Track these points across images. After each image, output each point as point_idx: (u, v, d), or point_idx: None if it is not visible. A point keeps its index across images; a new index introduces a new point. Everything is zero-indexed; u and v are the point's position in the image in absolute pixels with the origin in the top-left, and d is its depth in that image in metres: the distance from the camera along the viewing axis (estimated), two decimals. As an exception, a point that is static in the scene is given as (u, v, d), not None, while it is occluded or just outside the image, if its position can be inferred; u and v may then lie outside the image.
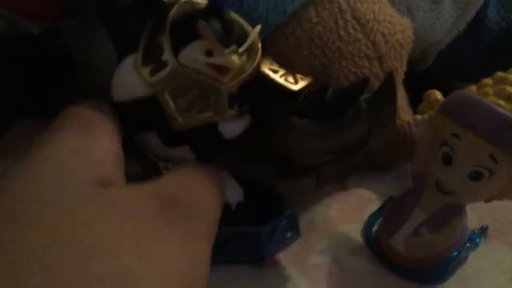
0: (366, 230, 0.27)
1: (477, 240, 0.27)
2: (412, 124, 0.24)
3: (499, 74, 0.22)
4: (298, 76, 0.20)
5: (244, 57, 0.19)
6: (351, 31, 0.24)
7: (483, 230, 0.28)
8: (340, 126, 0.19)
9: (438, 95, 0.24)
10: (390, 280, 0.25)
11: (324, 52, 0.24)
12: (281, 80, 0.20)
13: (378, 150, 0.27)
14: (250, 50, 0.19)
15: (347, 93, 0.20)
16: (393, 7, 0.28)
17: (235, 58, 0.19)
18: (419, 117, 0.24)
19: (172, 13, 0.19)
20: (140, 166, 0.20)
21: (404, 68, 0.28)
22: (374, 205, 0.28)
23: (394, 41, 0.25)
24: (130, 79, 0.19)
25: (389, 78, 0.20)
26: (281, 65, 0.21)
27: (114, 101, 0.19)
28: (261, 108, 0.20)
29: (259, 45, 0.20)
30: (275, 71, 0.20)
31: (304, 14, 0.23)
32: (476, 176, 0.22)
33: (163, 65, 0.18)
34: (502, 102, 0.21)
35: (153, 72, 0.18)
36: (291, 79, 0.20)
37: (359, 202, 0.29)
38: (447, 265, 0.25)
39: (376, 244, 0.26)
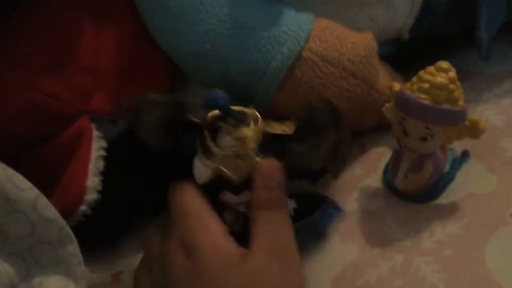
0: (383, 177, 0.41)
1: (461, 162, 0.40)
2: (383, 110, 0.37)
3: (420, 73, 0.34)
4: (286, 121, 0.35)
5: (252, 126, 0.34)
6: (325, 70, 0.37)
7: (465, 153, 0.40)
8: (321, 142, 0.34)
9: (396, 87, 0.37)
10: (401, 206, 0.38)
11: (312, 90, 0.37)
12: (279, 131, 0.35)
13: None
14: (255, 120, 0.34)
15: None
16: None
17: (246, 130, 0.33)
18: (387, 105, 0.37)
19: (206, 124, 0.34)
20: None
21: (377, 64, 0.40)
22: (387, 157, 0.41)
23: (359, 57, 0.38)
24: (202, 169, 0.34)
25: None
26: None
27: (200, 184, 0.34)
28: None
29: (257, 115, 0.35)
30: (272, 126, 0.35)
31: (290, 77, 0.37)
32: (424, 139, 0.35)
33: (213, 154, 0.34)
34: (422, 95, 0.33)
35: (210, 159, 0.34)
36: (283, 126, 0.35)
37: (376, 157, 0.43)
38: (434, 189, 0.38)
39: (390, 185, 0.40)
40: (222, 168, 0.34)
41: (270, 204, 0.33)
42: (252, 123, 0.34)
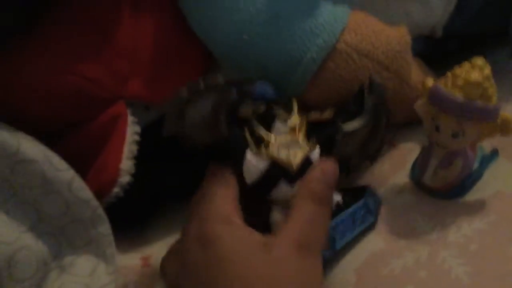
0: (411, 173, 0.41)
1: (489, 160, 0.40)
2: (415, 106, 0.38)
3: (455, 69, 0.35)
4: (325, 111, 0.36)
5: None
6: (359, 62, 0.37)
7: (494, 152, 0.40)
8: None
9: (429, 82, 0.37)
10: (428, 201, 0.39)
11: (346, 83, 0.38)
12: (323, 117, 0.35)
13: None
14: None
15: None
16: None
17: (295, 117, 0.34)
18: (419, 101, 0.38)
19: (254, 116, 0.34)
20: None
21: (410, 59, 0.40)
22: (416, 152, 0.42)
23: (394, 51, 0.38)
24: (257, 162, 0.33)
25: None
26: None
27: (249, 184, 0.34)
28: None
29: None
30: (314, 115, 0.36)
31: (324, 69, 0.38)
32: (455, 135, 0.35)
33: (266, 143, 0.34)
34: (456, 92, 0.34)
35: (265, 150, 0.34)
36: (324, 113, 0.36)
37: (405, 153, 0.43)
38: (462, 186, 0.38)
39: (418, 181, 0.40)
40: (279, 157, 0.33)
41: (318, 198, 0.33)
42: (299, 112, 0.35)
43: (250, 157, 0.34)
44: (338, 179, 0.35)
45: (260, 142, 0.34)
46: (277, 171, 0.34)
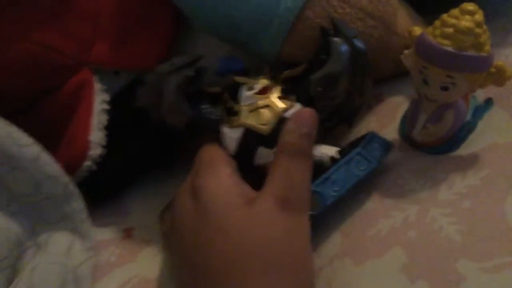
0: (400, 128, 0.39)
1: (483, 111, 0.37)
2: (402, 57, 0.35)
3: (443, 16, 0.31)
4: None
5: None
6: (340, 10, 0.34)
7: (488, 101, 0.38)
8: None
9: (417, 31, 0.34)
10: (418, 157, 0.37)
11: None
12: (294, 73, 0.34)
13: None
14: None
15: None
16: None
17: (263, 80, 0.32)
18: (406, 51, 0.35)
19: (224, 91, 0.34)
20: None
21: (396, 3, 0.37)
22: (404, 107, 0.39)
23: (376, -2, 0.35)
24: (231, 133, 0.33)
25: None
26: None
27: (233, 155, 0.33)
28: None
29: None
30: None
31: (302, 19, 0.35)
32: (445, 88, 0.32)
33: (237, 112, 0.33)
34: (446, 41, 0.31)
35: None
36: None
37: (393, 107, 0.41)
38: (454, 140, 0.36)
39: (407, 136, 0.38)
40: (250, 122, 0.33)
41: (294, 151, 0.32)
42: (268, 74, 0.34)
43: (224, 129, 0.34)
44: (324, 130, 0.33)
45: (234, 114, 0.34)
46: (252, 137, 0.33)
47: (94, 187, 0.38)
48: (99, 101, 0.37)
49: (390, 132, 0.39)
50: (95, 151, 0.36)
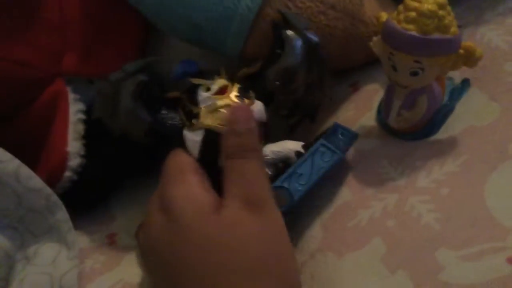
0: (377, 115, 0.38)
1: (461, 93, 0.37)
2: (370, 45, 0.34)
3: (406, 0, 0.31)
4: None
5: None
6: (300, 5, 0.34)
7: (465, 82, 0.37)
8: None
9: (383, 17, 0.34)
10: (396, 144, 0.36)
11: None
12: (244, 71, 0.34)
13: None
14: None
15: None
16: None
17: (220, 80, 0.32)
18: (375, 38, 0.34)
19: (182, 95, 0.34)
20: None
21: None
22: (381, 93, 0.38)
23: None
24: (192, 136, 0.33)
25: None
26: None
27: (198, 159, 0.33)
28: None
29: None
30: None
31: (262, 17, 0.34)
32: (414, 73, 0.32)
33: (197, 114, 0.33)
34: (410, 26, 0.30)
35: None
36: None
37: (369, 95, 0.40)
38: (432, 124, 0.35)
39: (384, 124, 0.38)
40: (209, 123, 0.33)
41: (239, 151, 0.31)
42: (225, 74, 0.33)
43: (185, 133, 0.33)
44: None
45: (194, 117, 0.33)
46: (214, 138, 0.33)
47: (77, 196, 0.38)
48: (75, 111, 0.37)
49: (368, 120, 0.39)
50: (74, 161, 0.37)
